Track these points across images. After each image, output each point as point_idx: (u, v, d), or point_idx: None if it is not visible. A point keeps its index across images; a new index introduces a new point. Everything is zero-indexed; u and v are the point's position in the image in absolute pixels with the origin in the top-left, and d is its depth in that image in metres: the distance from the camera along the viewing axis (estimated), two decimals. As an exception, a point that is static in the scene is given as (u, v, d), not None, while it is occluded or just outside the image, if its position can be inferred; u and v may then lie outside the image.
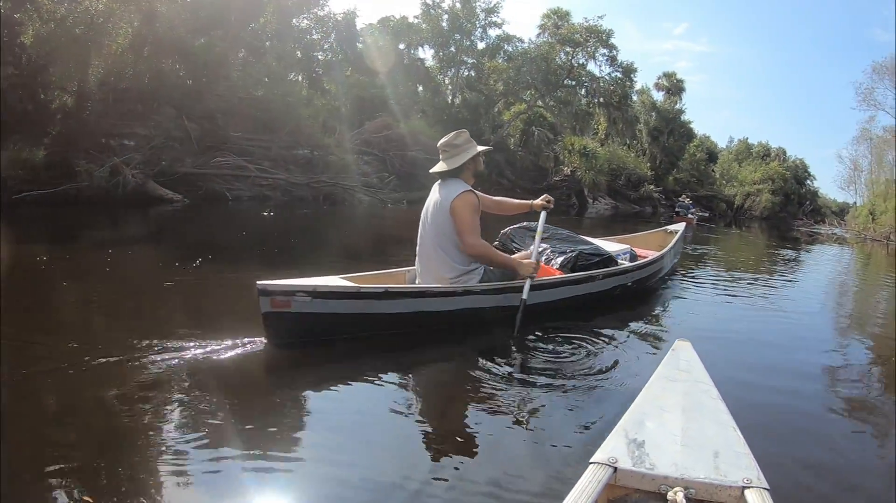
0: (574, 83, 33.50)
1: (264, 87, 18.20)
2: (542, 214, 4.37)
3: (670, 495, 1.38)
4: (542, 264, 4.49)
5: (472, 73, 30.97)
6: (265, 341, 3.31)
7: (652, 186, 40.99)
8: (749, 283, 8.50)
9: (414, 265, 4.17)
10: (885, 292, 9.52)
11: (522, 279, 4.01)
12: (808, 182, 71.18)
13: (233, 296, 4.75)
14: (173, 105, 15.81)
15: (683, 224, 9.06)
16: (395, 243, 9.07)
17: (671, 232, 8.29)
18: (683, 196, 30.44)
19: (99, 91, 14.75)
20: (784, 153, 68.30)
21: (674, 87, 49.56)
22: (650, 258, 5.96)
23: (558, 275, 4.59)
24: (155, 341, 3.17)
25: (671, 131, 47.86)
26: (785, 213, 61.80)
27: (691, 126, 51.91)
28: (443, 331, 3.83)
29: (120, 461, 2.08)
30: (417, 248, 4.05)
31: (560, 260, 4.96)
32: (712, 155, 61.79)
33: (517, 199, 4.47)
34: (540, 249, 4.63)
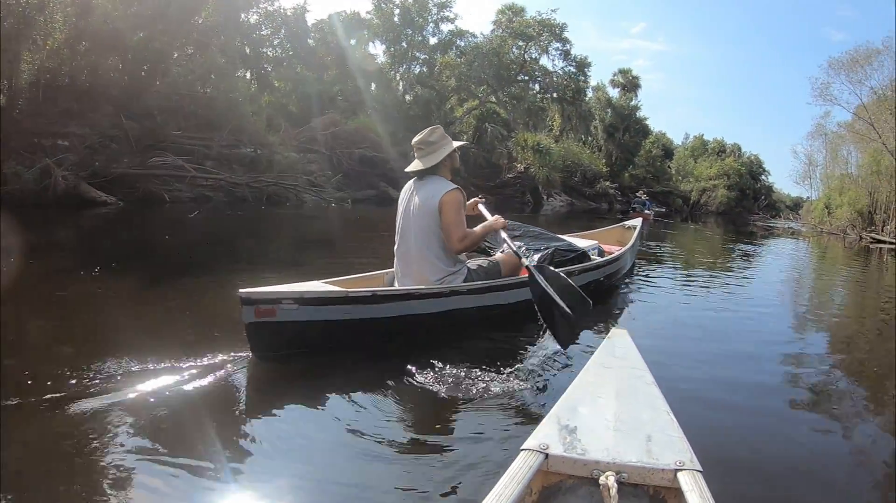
0: (527, 78, 33.81)
1: (207, 83, 17.90)
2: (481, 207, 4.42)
3: (602, 479, 1.38)
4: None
5: (424, 69, 30.98)
6: (250, 355, 3.13)
7: (607, 183, 41.58)
8: (704, 278, 8.67)
9: (390, 268, 4.08)
10: (839, 284, 9.78)
11: (507, 276, 4.11)
12: (763, 177, 72.49)
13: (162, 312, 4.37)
14: (111, 103, 15.39)
15: (640, 220, 9.10)
16: (318, 247, 8.96)
17: (629, 227, 8.34)
18: (640, 192, 30.80)
19: (31, 89, 14.32)
20: (739, 149, 69.46)
21: (629, 84, 50.08)
22: (618, 253, 6.01)
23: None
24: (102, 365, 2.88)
25: (627, 128, 48.34)
26: (740, 207, 62.83)
27: (647, 123, 52.43)
28: (429, 333, 3.73)
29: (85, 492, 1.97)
30: (397, 249, 3.91)
31: (536, 258, 4.61)
32: (668, 151, 62.61)
33: (470, 197, 4.31)
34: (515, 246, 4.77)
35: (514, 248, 3.94)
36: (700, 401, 2.99)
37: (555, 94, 35.70)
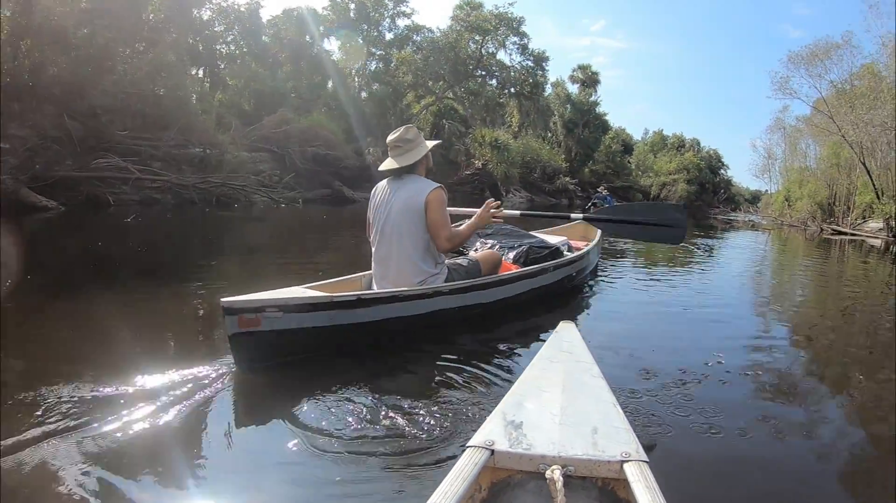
0: (484, 73, 33.96)
1: (155, 81, 17.57)
2: None
3: (548, 473, 1.37)
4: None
5: (380, 65, 30.89)
6: (233, 368, 2.96)
7: (567, 178, 42.04)
8: (665, 272, 8.73)
9: (363, 270, 4.03)
10: (800, 275, 9.88)
11: (487, 275, 4.15)
12: (722, 171, 73.53)
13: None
14: (53, 102, 14.93)
15: None
16: (269, 250, 8.75)
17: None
18: (601, 187, 30.97)
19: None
20: (698, 144, 70.14)
21: (589, 80, 50.70)
22: (587, 248, 6.00)
23: (516, 270, 4.60)
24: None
25: (586, 123, 48.96)
26: (700, 201, 63.64)
27: (606, 118, 53.22)
28: (412, 335, 3.68)
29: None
30: (375, 251, 3.81)
31: (512, 255, 4.98)
32: (628, 147, 63.33)
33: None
34: (488, 245, 4.89)
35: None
36: (649, 394, 3.01)
37: (513, 90, 35.83)
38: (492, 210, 4.07)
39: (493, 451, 1.47)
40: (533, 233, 6.01)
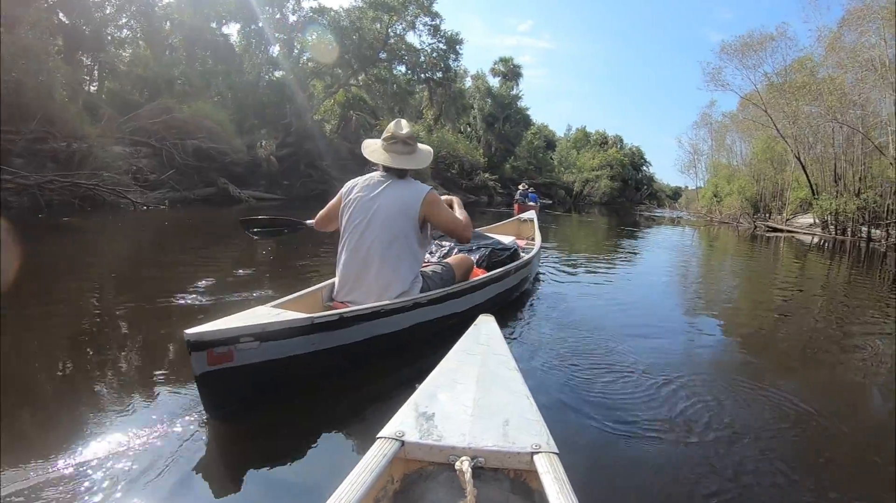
0: (391, 57, 32.32)
1: (15, 66, 15.72)
2: None
3: (457, 465, 1.39)
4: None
5: (282, 50, 29.00)
6: (203, 415, 2.55)
7: (487, 174, 41.34)
8: (597, 270, 8.77)
9: (326, 281, 3.69)
10: (737, 274, 10.14)
11: (460, 281, 4.03)
12: (645, 168, 76.44)
13: None
14: None
15: (533, 212, 9.17)
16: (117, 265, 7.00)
17: (526, 220, 8.52)
18: (523, 184, 30.35)
19: None
20: (621, 140, 72.91)
21: (510, 73, 50.42)
22: (537, 247, 6.18)
23: (484, 275, 4.41)
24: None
25: (507, 118, 48.69)
26: (623, 197, 65.74)
27: (528, 113, 53.10)
28: (392, 353, 3.42)
29: None
30: (349, 257, 3.47)
31: (475, 258, 4.84)
32: (550, 143, 64.19)
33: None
34: (446, 248, 4.95)
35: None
36: (564, 387, 3.17)
37: (423, 76, 34.58)
38: None
39: (403, 443, 1.48)
40: (480, 231, 6.05)
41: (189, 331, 2.47)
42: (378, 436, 1.49)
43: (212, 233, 11.48)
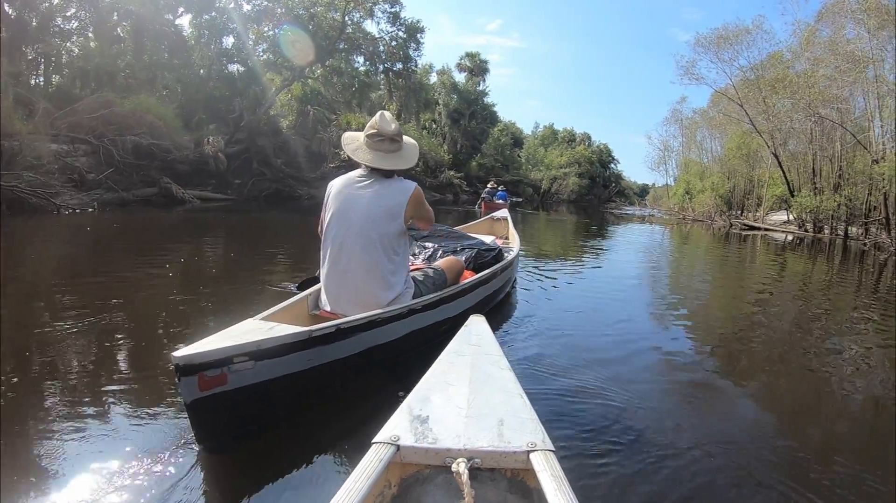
0: (350, 47, 30.89)
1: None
2: None
3: (454, 467, 1.40)
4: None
5: (236, 42, 27.56)
6: (194, 447, 2.33)
7: (452, 172, 40.46)
8: (579, 270, 8.96)
9: (309, 289, 3.52)
10: (718, 276, 10.18)
11: (452, 284, 3.91)
12: (612, 165, 77.00)
13: None
14: None
15: (506, 211, 9.11)
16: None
17: (499, 219, 8.51)
18: (490, 182, 29.39)
19: None
20: (589, 138, 73.38)
21: (477, 68, 49.86)
22: (517, 247, 6.24)
23: (473, 277, 4.33)
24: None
25: (473, 114, 47.95)
26: (592, 195, 65.99)
27: (495, 109, 52.36)
28: (387, 364, 3.29)
29: None
30: (331, 265, 3.26)
31: (462, 258, 4.72)
32: (518, 140, 64.01)
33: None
34: (429, 249, 4.85)
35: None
36: (557, 385, 3.26)
37: (382, 66, 33.40)
38: None
39: (398, 447, 1.49)
40: (460, 231, 6.00)
41: (177, 353, 2.22)
42: (373, 441, 1.49)
43: (137, 240, 10.35)
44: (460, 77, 49.32)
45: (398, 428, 1.55)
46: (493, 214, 8.82)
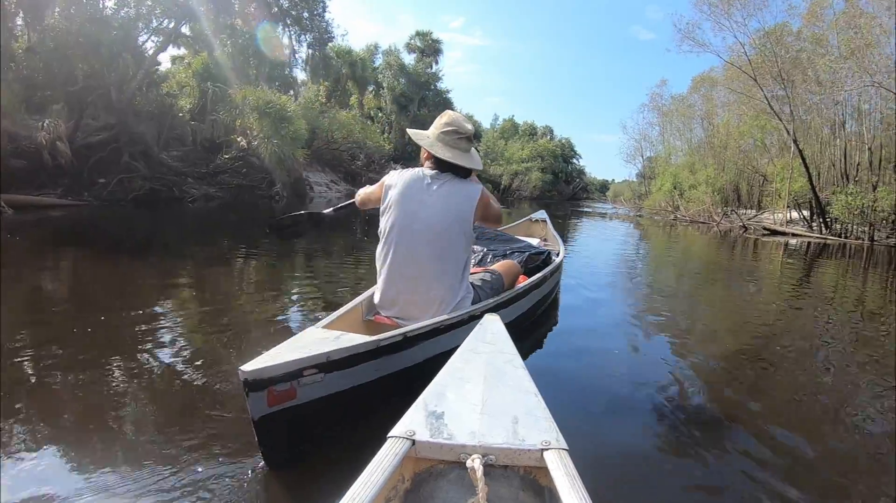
0: None
1: None
2: None
3: (468, 462, 1.39)
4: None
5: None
6: (262, 465, 2.21)
7: (399, 166, 35.25)
8: (607, 274, 8.83)
9: (362, 294, 3.35)
10: (741, 285, 8.98)
11: (509, 288, 3.73)
12: (575, 160, 75.82)
13: None
14: None
15: (544, 212, 8.68)
16: None
17: (537, 221, 8.17)
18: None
19: None
20: (551, 131, 73.16)
21: (429, 49, 44.91)
22: (562, 249, 6.07)
23: (527, 281, 4.13)
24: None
25: (423, 100, 42.98)
26: (555, 191, 63.41)
27: (449, 97, 47.36)
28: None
29: None
30: (393, 269, 3.05)
31: (515, 260, 4.50)
32: (476, 134, 59.95)
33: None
34: (480, 253, 4.79)
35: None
36: (572, 384, 3.36)
37: (288, 21, 27.46)
38: None
39: (413, 441, 1.48)
40: (508, 234, 5.93)
41: (245, 367, 2.11)
42: (389, 435, 1.48)
43: None
44: (410, 59, 44.23)
45: (413, 423, 1.53)
46: (532, 216, 8.50)
